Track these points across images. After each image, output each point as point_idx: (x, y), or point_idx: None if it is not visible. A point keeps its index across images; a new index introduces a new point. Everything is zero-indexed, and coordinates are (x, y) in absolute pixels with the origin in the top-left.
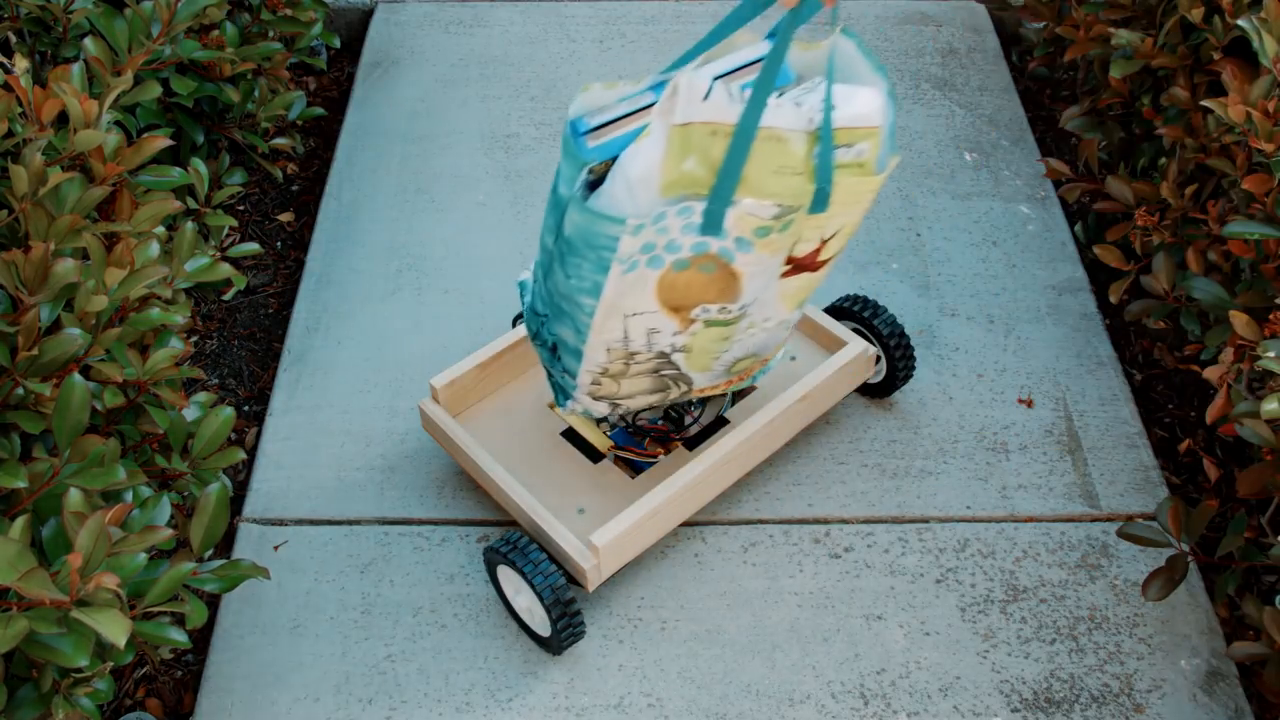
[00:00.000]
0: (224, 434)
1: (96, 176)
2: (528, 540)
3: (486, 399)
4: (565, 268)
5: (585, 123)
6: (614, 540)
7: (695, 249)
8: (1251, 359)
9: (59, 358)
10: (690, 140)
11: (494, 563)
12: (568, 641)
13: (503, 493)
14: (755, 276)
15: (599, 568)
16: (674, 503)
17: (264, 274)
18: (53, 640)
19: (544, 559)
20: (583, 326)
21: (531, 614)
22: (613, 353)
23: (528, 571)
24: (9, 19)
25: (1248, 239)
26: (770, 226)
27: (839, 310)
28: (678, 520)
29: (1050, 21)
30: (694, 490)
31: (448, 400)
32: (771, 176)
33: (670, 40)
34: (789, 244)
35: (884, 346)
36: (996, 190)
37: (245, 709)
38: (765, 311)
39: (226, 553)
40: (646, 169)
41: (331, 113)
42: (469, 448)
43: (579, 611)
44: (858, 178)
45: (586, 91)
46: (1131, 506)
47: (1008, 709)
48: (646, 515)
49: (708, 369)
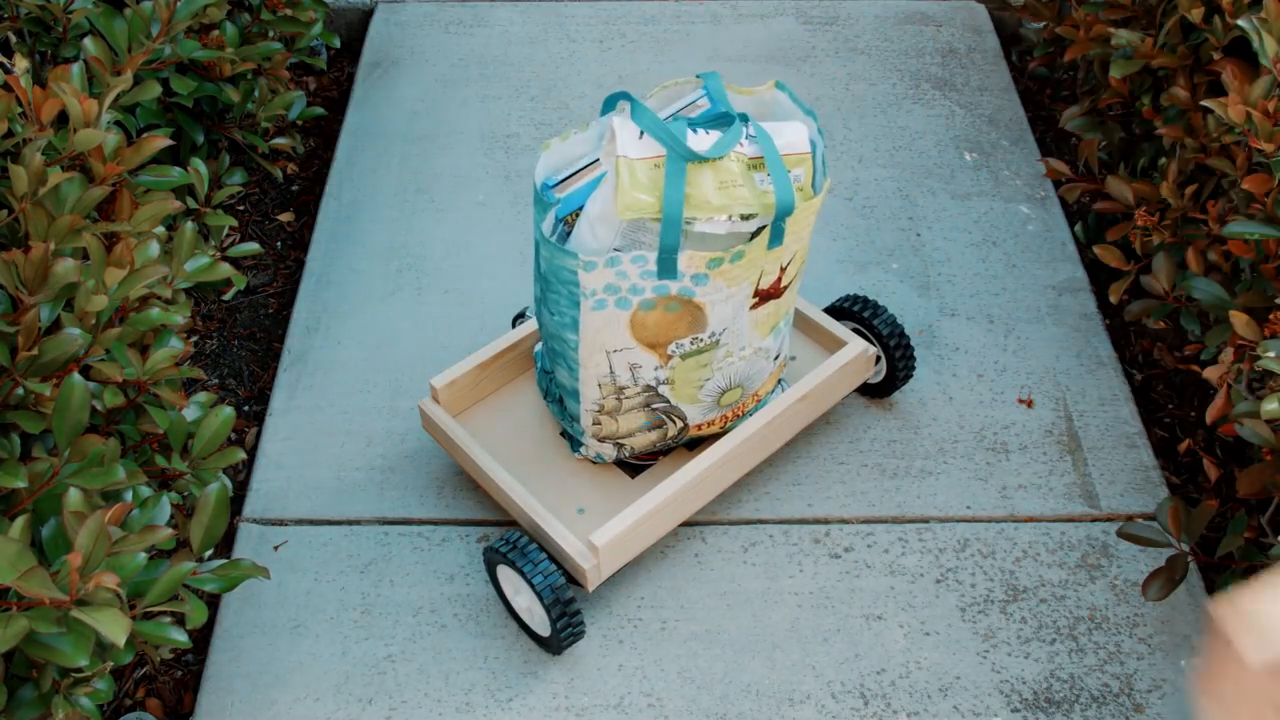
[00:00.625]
0: (224, 434)
1: (96, 176)
2: (527, 540)
3: (486, 399)
4: (548, 304)
5: (552, 179)
6: (613, 540)
7: (656, 291)
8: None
9: (59, 358)
10: (635, 172)
11: (494, 563)
12: (568, 641)
13: (502, 493)
14: (718, 305)
15: (599, 567)
16: (674, 502)
17: (264, 274)
18: (53, 640)
19: (544, 559)
20: (573, 364)
21: (531, 614)
22: (604, 388)
23: (527, 571)
24: (9, 19)
25: (1248, 239)
26: (721, 257)
27: (839, 310)
28: (677, 520)
29: (1050, 21)
30: (694, 490)
31: (448, 400)
32: (716, 192)
33: (670, 40)
34: (749, 276)
35: (884, 346)
36: (996, 190)
37: (245, 709)
38: (740, 340)
39: (226, 553)
40: (603, 206)
41: (331, 113)
42: (469, 447)
43: (579, 611)
44: (800, 200)
45: (546, 150)
46: (1131, 506)
47: (1008, 709)
48: (646, 515)
49: (695, 400)
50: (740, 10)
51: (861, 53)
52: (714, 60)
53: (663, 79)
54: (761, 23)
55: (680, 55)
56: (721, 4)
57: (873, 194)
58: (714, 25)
